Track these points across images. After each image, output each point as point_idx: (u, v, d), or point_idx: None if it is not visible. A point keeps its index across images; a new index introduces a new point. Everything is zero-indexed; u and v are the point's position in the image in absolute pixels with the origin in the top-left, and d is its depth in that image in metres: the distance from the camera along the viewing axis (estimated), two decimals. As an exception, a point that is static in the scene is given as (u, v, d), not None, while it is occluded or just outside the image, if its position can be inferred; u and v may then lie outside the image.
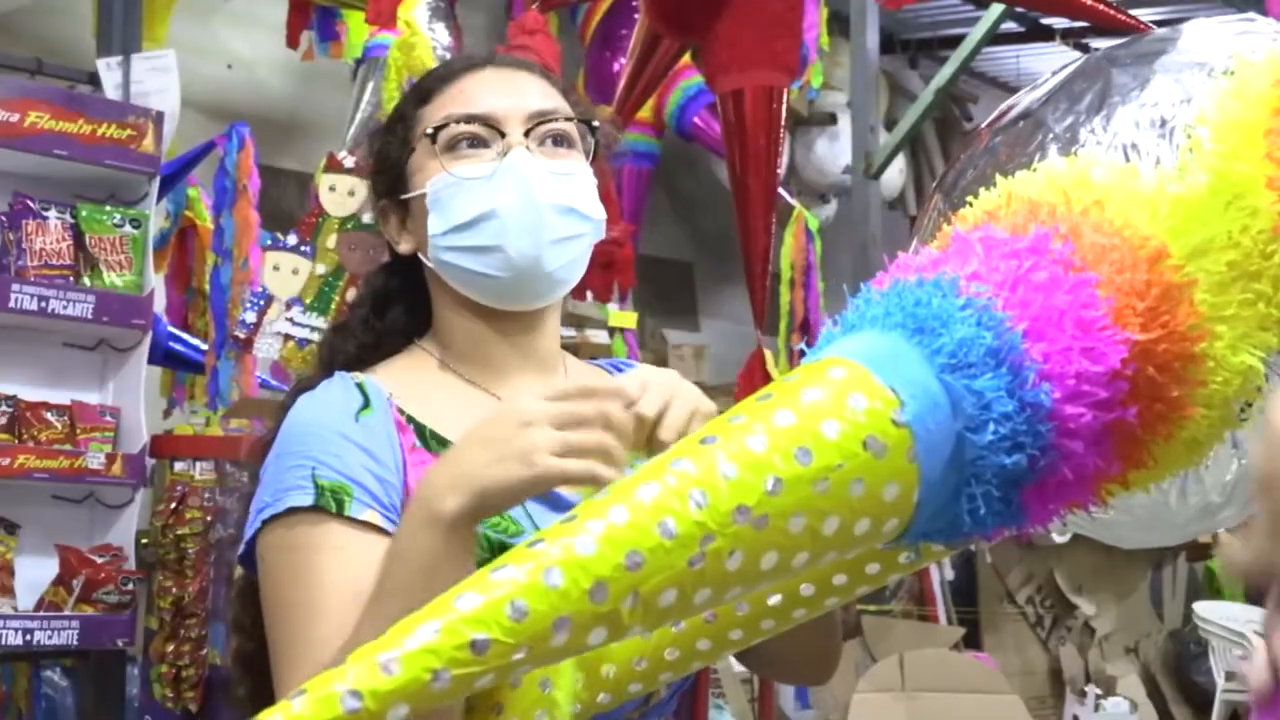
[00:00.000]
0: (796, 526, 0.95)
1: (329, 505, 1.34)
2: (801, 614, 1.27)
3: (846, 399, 0.98)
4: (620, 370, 1.63)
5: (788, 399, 0.98)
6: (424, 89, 1.55)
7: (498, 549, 1.29)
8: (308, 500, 1.34)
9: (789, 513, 0.95)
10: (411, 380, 1.48)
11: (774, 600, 1.25)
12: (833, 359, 1.01)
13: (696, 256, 8.57)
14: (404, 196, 1.51)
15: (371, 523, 1.34)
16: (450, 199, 1.47)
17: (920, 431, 0.98)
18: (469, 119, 1.48)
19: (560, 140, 1.50)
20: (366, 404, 1.41)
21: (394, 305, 1.56)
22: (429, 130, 1.49)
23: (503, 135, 1.47)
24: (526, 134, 1.48)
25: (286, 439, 1.40)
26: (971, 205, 1.15)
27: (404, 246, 1.53)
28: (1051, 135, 1.20)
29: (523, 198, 1.45)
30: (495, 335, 1.50)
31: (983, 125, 1.33)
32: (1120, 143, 1.15)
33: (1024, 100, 1.30)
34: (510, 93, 1.51)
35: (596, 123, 1.54)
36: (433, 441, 1.42)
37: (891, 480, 0.98)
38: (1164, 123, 1.15)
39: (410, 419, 1.43)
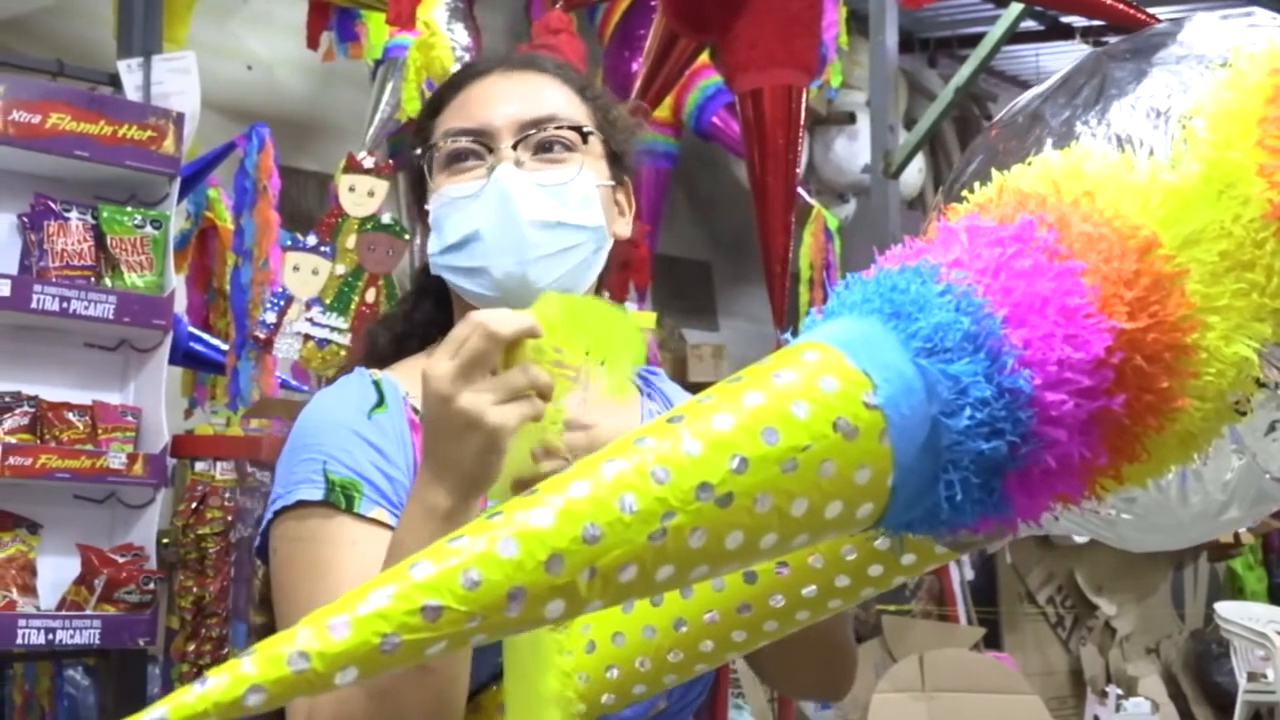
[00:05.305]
0: (763, 506, 0.94)
1: (338, 501, 1.35)
2: (805, 615, 1.26)
3: (817, 381, 0.97)
4: (644, 379, 1.61)
5: (758, 380, 0.98)
6: (437, 99, 1.55)
7: None
8: (318, 494, 1.36)
9: (754, 492, 0.94)
10: None
11: (777, 602, 1.25)
12: (807, 343, 1.01)
13: (715, 256, 8.57)
14: (426, 207, 1.51)
15: (379, 520, 1.35)
16: (445, 218, 1.47)
17: (893, 415, 0.97)
18: (461, 133, 1.48)
19: (555, 147, 1.48)
20: (381, 402, 1.42)
21: (426, 299, 1.57)
22: (433, 145, 1.49)
23: (491, 150, 1.46)
24: (516, 145, 1.46)
25: (300, 433, 1.42)
26: (966, 200, 1.15)
27: (420, 257, 1.55)
28: (1048, 130, 1.20)
29: (504, 217, 1.43)
30: None
31: (988, 126, 1.33)
32: (1115, 134, 1.15)
33: (1026, 98, 1.30)
34: (508, 101, 1.49)
35: (588, 128, 1.50)
36: None
37: (863, 463, 0.97)
38: (1159, 114, 1.14)
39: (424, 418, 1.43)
